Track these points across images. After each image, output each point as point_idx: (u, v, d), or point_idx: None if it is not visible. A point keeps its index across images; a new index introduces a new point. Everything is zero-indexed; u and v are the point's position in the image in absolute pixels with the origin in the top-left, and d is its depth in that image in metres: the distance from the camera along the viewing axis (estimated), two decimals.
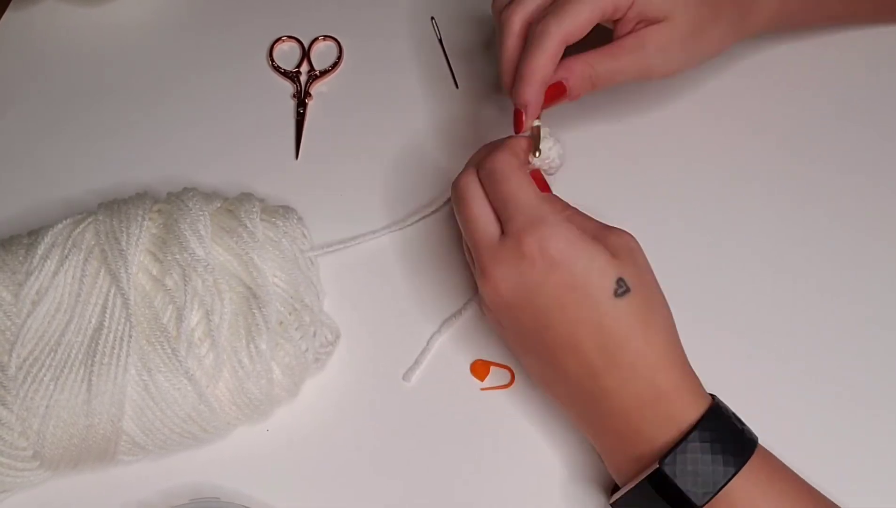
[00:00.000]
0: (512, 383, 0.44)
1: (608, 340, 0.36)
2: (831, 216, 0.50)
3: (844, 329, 0.46)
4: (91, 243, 0.41)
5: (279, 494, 0.42)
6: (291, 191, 0.51)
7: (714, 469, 0.34)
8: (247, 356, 0.40)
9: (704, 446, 0.35)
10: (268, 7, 0.60)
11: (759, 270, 0.48)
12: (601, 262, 0.36)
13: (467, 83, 0.56)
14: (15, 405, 0.38)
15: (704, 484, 0.34)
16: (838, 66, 0.55)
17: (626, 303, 0.36)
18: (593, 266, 0.36)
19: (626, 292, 0.36)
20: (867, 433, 0.43)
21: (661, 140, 0.53)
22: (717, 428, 0.35)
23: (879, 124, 0.53)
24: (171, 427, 0.40)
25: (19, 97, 0.56)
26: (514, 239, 0.37)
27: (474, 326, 0.47)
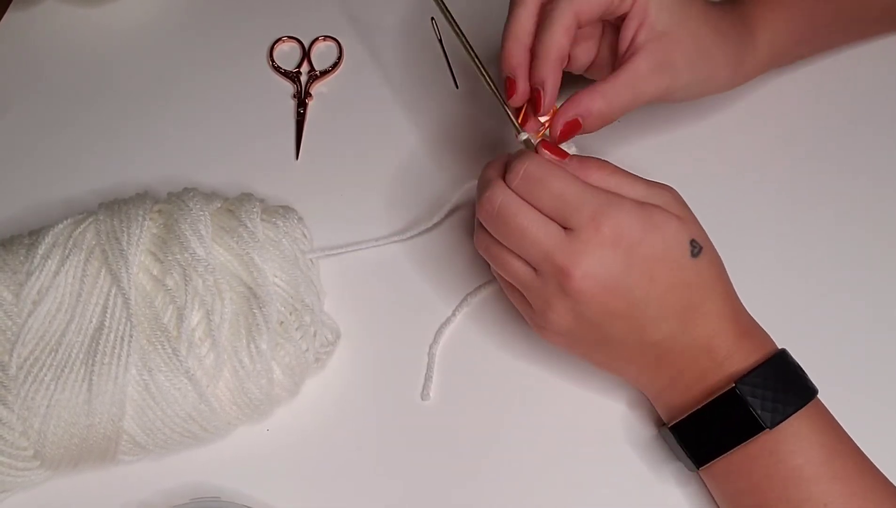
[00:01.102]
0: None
1: (695, 296, 0.38)
2: (829, 214, 0.50)
3: (841, 330, 0.46)
4: (92, 243, 0.41)
5: (279, 494, 0.42)
6: (291, 191, 0.51)
7: (784, 398, 0.37)
8: (247, 355, 0.40)
9: (779, 377, 0.38)
10: (268, 7, 0.60)
11: (772, 273, 0.48)
12: (673, 228, 0.38)
13: (467, 83, 0.56)
14: (16, 404, 0.38)
15: (773, 410, 0.37)
16: (857, 75, 0.55)
17: (703, 261, 0.38)
18: (667, 234, 0.37)
19: (700, 250, 0.38)
20: (869, 433, 0.43)
21: (675, 157, 0.53)
22: (788, 367, 0.38)
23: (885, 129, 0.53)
24: (172, 427, 0.40)
25: (20, 97, 0.56)
26: (589, 229, 0.37)
27: (475, 327, 0.47)
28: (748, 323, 0.40)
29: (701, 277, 0.38)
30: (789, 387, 0.38)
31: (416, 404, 0.45)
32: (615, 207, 0.37)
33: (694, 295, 0.38)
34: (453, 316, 0.47)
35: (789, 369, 0.38)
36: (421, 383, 0.45)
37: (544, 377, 0.45)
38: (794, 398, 0.37)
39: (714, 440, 0.39)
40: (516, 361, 0.46)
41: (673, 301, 0.38)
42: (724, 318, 0.39)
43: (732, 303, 0.40)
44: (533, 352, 0.45)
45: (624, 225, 0.37)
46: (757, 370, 0.38)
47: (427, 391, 0.45)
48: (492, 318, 0.47)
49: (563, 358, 0.45)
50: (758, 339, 0.40)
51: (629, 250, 0.37)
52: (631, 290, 0.37)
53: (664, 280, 0.37)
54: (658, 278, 0.37)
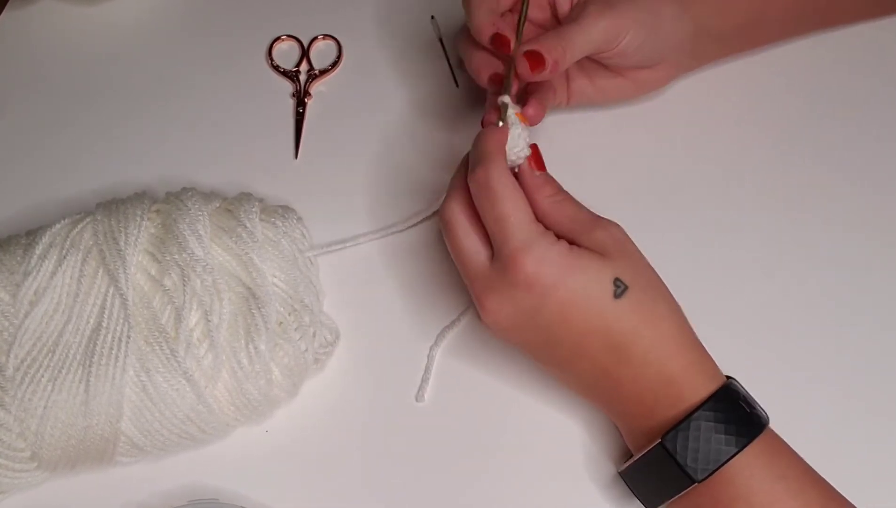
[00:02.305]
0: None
1: (617, 340, 0.37)
2: (825, 214, 0.50)
3: (839, 328, 0.46)
4: (89, 243, 0.41)
5: (279, 495, 0.42)
6: (291, 191, 0.51)
7: (716, 448, 0.36)
8: (246, 356, 0.40)
9: (709, 425, 0.36)
10: (267, 6, 0.60)
11: (750, 269, 0.48)
12: (594, 270, 0.37)
13: (467, 83, 0.56)
14: (13, 406, 0.38)
15: (705, 461, 0.36)
16: (831, 63, 0.55)
17: (627, 301, 0.37)
18: (588, 277, 0.37)
19: (625, 289, 0.37)
20: (866, 434, 0.43)
21: (650, 135, 0.53)
22: (724, 408, 0.36)
23: (870, 121, 0.53)
24: (170, 428, 0.40)
25: (17, 97, 0.56)
26: (505, 266, 0.37)
27: (474, 328, 0.47)
28: (685, 362, 0.38)
29: (623, 321, 0.37)
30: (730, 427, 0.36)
31: (416, 405, 0.45)
32: (538, 249, 0.36)
33: (616, 340, 0.37)
34: (458, 320, 0.46)
35: (732, 406, 0.37)
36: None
37: (542, 389, 0.45)
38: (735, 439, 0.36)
39: (656, 488, 0.38)
40: (515, 371, 0.45)
41: (592, 343, 0.37)
42: (648, 364, 0.37)
43: (664, 343, 0.38)
44: (533, 365, 0.45)
45: (541, 269, 0.36)
46: (684, 421, 0.36)
47: (422, 392, 0.45)
48: None
49: None
50: (696, 377, 0.38)
51: (543, 294, 0.36)
52: (546, 329, 0.37)
53: (580, 323, 0.37)
54: (574, 320, 0.37)
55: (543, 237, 0.37)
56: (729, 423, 0.36)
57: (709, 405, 0.36)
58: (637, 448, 0.40)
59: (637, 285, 0.37)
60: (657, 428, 0.37)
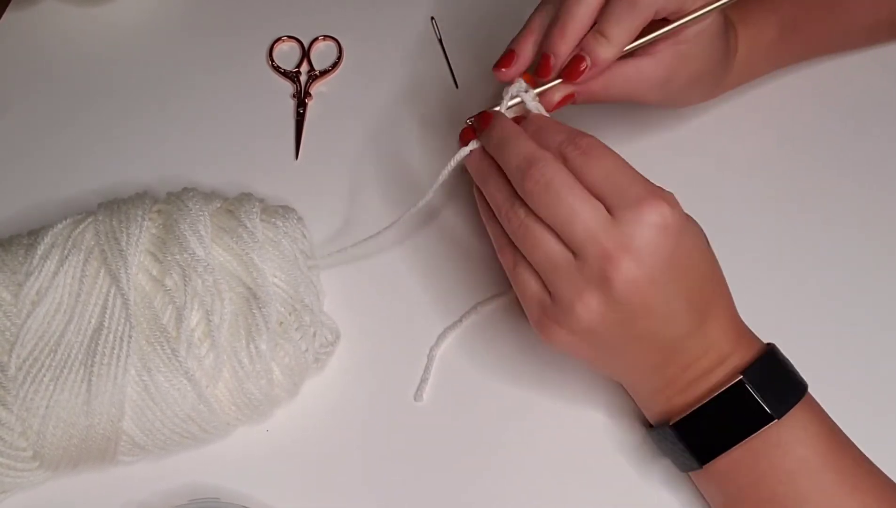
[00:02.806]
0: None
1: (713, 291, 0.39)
2: (825, 214, 0.50)
3: (839, 328, 0.46)
4: (91, 244, 0.41)
5: (279, 494, 0.42)
6: (291, 191, 0.51)
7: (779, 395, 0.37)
8: (247, 356, 0.40)
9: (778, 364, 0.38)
10: (268, 7, 0.60)
11: (750, 268, 0.48)
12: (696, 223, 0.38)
13: (467, 83, 0.56)
14: (15, 405, 0.38)
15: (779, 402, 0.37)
16: (834, 61, 0.55)
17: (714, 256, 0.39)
18: (696, 228, 0.38)
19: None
20: (862, 434, 0.43)
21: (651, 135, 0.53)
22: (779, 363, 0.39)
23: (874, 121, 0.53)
24: (171, 428, 0.40)
25: (19, 97, 0.56)
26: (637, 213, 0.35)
27: (475, 329, 0.47)
28: (741, 321, 0.41)
29: (716, 272, 0.39)
30: (786, 381, 0.38)
31: (417, 405, 0.45)
32: (658, 192, 0.36)
33: (712, 290, 0.39)
34: (460, 322, 0.46)
35: (784, 363, 0.39)
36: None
37: (541, 389, 0.45)
38: (793, 391, 0.38)
39: (720, 435, 0.38)
40: (515, 372, 0.45)
41: (697, 295, 0.37)
42: (730, 316, 0.39)
43: (731, 301, 0.40)
44: (533, 369, 0.45)
45: (668, 211, 0.35)
46: (757, 363, 0.38)
47: (421, 392, 0.45)
48: (500, 327, 0.47)
49: (564, 376, 0.45)
50: (752, 337, 0.40)
51: (677, 238, 0.35)
52: (669, 283, 0.36)
53: (698, 272, 0.37)
54: (694, 269, 0.37)
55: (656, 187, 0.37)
56: (788, 375, 0.38)
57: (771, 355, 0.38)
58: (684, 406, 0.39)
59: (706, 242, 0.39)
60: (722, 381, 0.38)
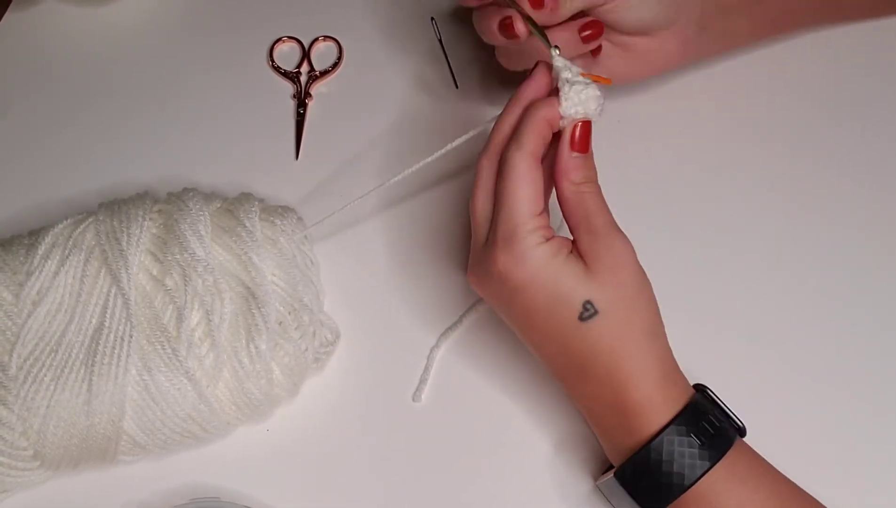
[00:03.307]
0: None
1: (574, 359, 0.37)
2: (827, 214, 0.50)
3: (839, 328, 0.46)
4: (92, 244, 0.41)
5: (279, 494, 0.42)
6: (291, 191, 0.51)
7: (679, 472, 0.35)
8: (247, 356, 0.40)
9: (670, 448, 0.35)
10: (268, 7, 0.60)
11: (751, 267, 0.48)
12: (568, 286, 0.36)
13: (467, 83, 0.56)
14: (16, 405, 0.38)
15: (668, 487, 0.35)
16: (834, 62, 0.55)
17: (592, 326, 0.36)
18: (559, 291, 0.36)
19: (593, 314, 0.35)
20: (861, 434, 0.43)
21: (653, 135, 0.53)
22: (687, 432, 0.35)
23: (874, 121, 0.53)
24: (172, 427, 0.40)
25: (20, 97, 0.56)
26: (487, 252, 0.37)
27: (475, 330, 0.47)
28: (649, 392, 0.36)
29: (583, 344, 0.36)
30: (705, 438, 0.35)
31: (416, 405, 0.45)
32: (520, 247, 0.36)
33: (574, 359, 0.37)
34: (460, 322, 0.47)
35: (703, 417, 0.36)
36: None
37: (540, 390, 0.45)
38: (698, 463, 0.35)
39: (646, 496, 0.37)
40: (514, 373, 0.45)
41: (552, 352, 0.38)
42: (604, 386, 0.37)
43: (625, 375, 0.36)
44: (532, 369, 0.45)
45: (516, 269, 0.36)
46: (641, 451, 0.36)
47: (420, 392, 0.45)
48: (500, 328, 0.46)
49: None
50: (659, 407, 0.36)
51: (512, 292, 0.37)
52: (515, 320, 0.39)
53: (539, 330, 0.37)
54: (534, 326, 0.37)
55: (531, 235, 0.36)
56: (692, 446, 0.35)
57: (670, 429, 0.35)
58: (611, 458, 0.39)
59: (610, 313, 0.36)
60: (624, 449, 0.37)
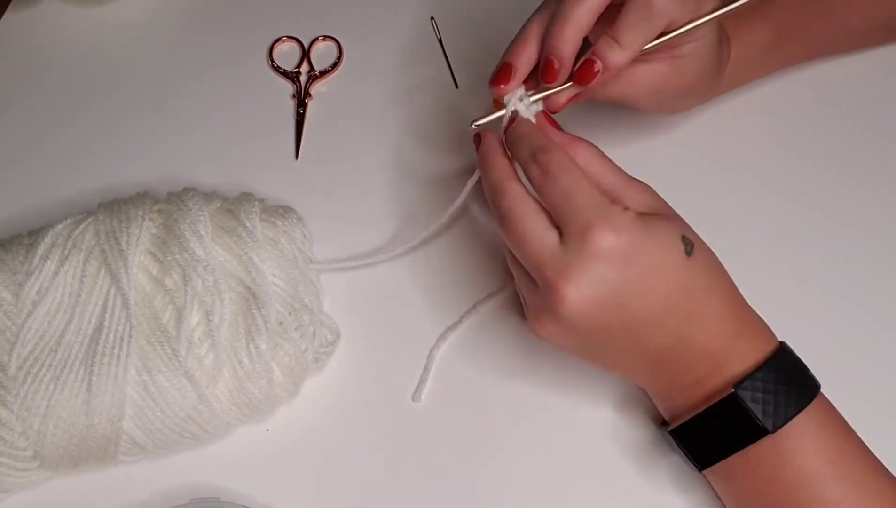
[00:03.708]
0: None
1: (693, 299, 0.37)
2: (833, 219, 0.50)
3: (845, 331, 0.46)
4: (91, 244, 0.41)
5: (279, 494, 0.42)
6: (291, 191, 0.51)
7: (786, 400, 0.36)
8: (247, 356, 0.40)
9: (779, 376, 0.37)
10: (268, 7, 0.60)
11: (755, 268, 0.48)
12: (664, 232, 0.36)
13: (467, 83, 0.56)
14: (15, 405, 0.38)
15: (775, 414, 0.36)
16: (845, 81, 0.55)
17: (697, 258, 0.37)
18: (660, 240, 0.36)
19: (692, 247, 0.37)
20: (872, 430, 0.43)
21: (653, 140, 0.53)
22: (787, 367, 0.38)
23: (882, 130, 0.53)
24: (172, 427, 0.40)
25: (19, 97, 0.56)
26: (582, 241, 0.35)
27: (475, 331, 0.47)
28: (748, 320, 0.39)
29: (697, 278, 0.37)
30: (791, 387, 0.37)
31: (416, 405, 0.45)
32: (607, 217, 0.35)
33: (691, 298, 0.37)
34: (460, 322, 0.46)
35: (791, 367, 0.38)
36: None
37: (541, 390, 0.45)
38: (796, 399, 0.37)
39: (715, 444, 0.38)
40: (516, 373, 0.45)
41: (670, 308, 0.37)
42: (723, 319, 0.38)
43: (731, 301, 0.38)
44: (534, 367, 0.45)
45: (620, 238, 0.35)
46: (756, 373, 0.37)
47: (420, 393, 0.45)
48: (499, 328, 0.47)
49: (564, 376, 0.45)
50: (758, 337, 0.38)
51: (624, 264, 0.35)
52: (626, 304, 0.36)
53: (660, 289, 0.36)
54: (654, 287, 0.36)
55: (614, 205, 0.36)
56: (795, 379, 0.37)
57: (776, 359, 0.37)
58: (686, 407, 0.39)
59: (699, 242, 0.37)
60: (719, 384, 0.38)
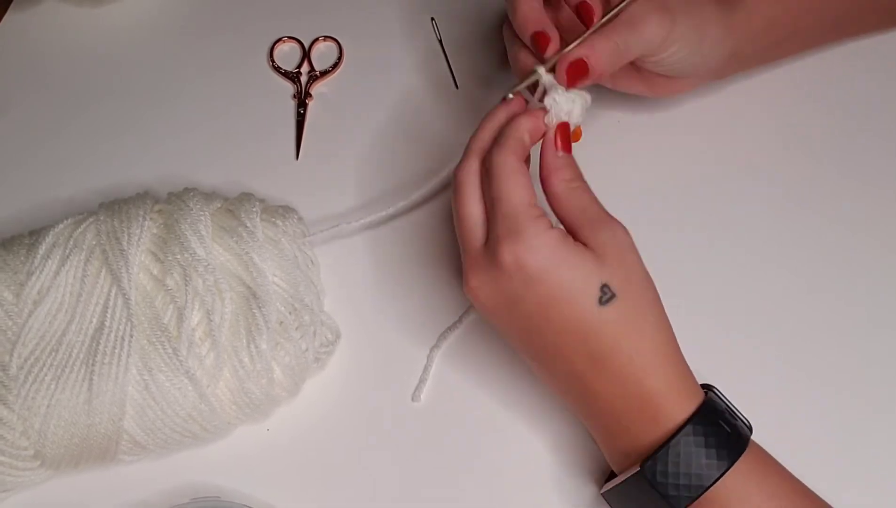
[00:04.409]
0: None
1: (595, 347, 0.36)
2: (831, 216, 0.50)
3: (843, 328, 0.46)
4: (92, 243, 0.42)
5: (279, 494, 0.42)
6: (292, 191, 0.51)
7: (698, 473, 0.34)
8: (247, 355, 0.40)
9: (689, 449, 0.35)
10: (268, 8, 0.60)
11: (756, 267, 0.48)
12: (584, 271, 0.35)
13: (467, 83, 0.56)
14: (16, 404, 0.38)
15: (687, 487, 0.34)
16: (847, 71, 0.55)
17: (612, 309, 0.35)
18: (575, 276, 0.35)
19: (612, 298, 0.35)
20: (862, 432, 0.43)
21: (663, 136, 0.53)
22: (703, 431, 0.35)
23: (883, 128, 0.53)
24: (172, 427, 0.40)
25: (20, 97, 0.56)
26: (492, 249, 0.36)
27: (475, 331, 0.47)
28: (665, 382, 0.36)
29: (604, 328, 0.35)
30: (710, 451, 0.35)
31: (416, 405, 0.45)
32: (528, 236, 0.35)
33: (595, 347, 0.36)
34: (460, 322, 0.46)
35: (709, 427, 0.35)
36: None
37: (542, 390, 0.45)
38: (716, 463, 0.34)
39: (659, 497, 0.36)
40: (516, 373, 0.45)
41: (569, 345, 0.36)
42: (626, 378, 0.36)
43: (642, 360, 0.36)
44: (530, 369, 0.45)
45: (527, 258, 0.35)
46: (664, 446, 0.35)
47: (419, 392, 0.45)
48: None
49: None
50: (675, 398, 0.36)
51: (526, 284, 0.35)
52: (525, 320, 0.36)
53: (557, 323, 0.36)
54: (552, 317, 0.36)
55: (536, 223, 0.36)
56: (710, 446, 0.35)
57: (687, 429, 0.35)
58: (616, 465, 0.39)
59: (626, 296, 0.36)
60: (635, 450, 0.37)
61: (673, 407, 0.36)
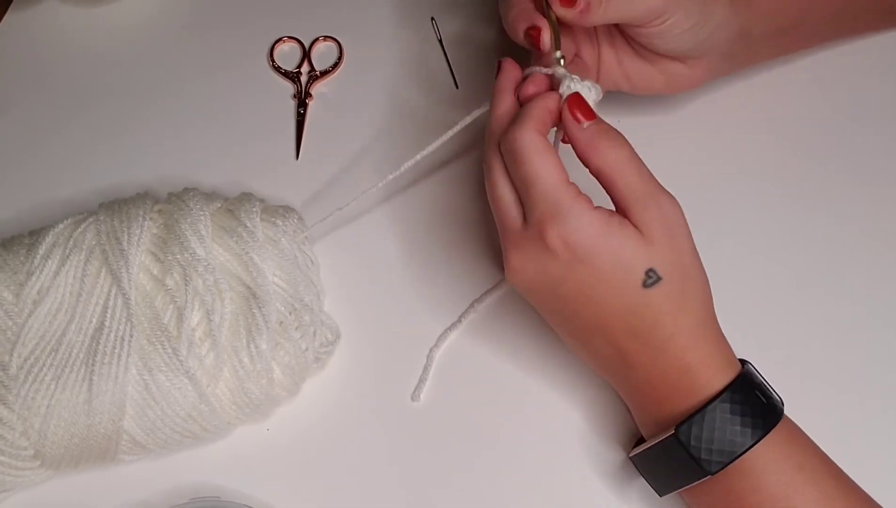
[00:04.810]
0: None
1: (636, 324, 0.36)
2: (831, 217, 0.50)
3: (843, 328, 0.46)
4: (92, 243, 0.42)
5: (279, 494, 0.42)
6: (292, 191, 0.51)
7: (731, 439, 0.35)
8: (247, 355, 0.40)
9: (724, 416, 0.35)
10: (268, 8, 0.60)
11: (756, 267, 0.48)
12: (628, 254, 0.35)
13: (467, 83, 0.56)
14: (16, 404, 0.38)
15: (719, 454, 0.35)
16: (849, 70, 0.55)
17: (656, 292, 0.35)
18: (620, 260, 0.35)
19: (657, 281, 0.35)
20: (862, 432, 0.43)
21: (665, 139, 0.53)
22: (740, 399, 0.35)
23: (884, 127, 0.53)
24: (172, 427, 0.40)
25: (20, 97, 0.56)
26: (536, 230, 0.35)
27: (474, 331, 0.47)
28: (704, 355, 0.37)
29: (648, 310, 0.36)
30: (746, 419, 0.35)
31: (416, 405, 0.45)
32: (572, 217, 0.35)
33: (637, 326, 0.36)
34: (459, 322, 0.47)
35: (744, 398, 0.36)
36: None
37: (542, 390, 0.45)
38: (750, 431, 0.35)
39: (667, 476, 0.38)
40: (515, 373, 0.45)
41: (612, 324, 0.36)
42: (667, 351, 0.36)
43: (683, 335, 0.36)
44: (534, 366, 0.45)
45: (573, 239, 0.35)
46: (699, 412, 0.35)
47: (419, 392, 0.45)
48: (497, 327, 0.47)
49: (564, 375, 0.45)
50: (712, 370, 0.36)
51: (571, 264, 0.35)
52: (568, 300, 0.36)
53: (602, 304, 0.36)
54: (595, 299, 0.36)
55: (576, 203, 0.35)
56: (745, 415, 0.35)
57: (724, 397, 0.35)
58: (648, 432, 0.39)
59: (672, 279, 0.35)
60: (670, 417, 0.37)
61: (710, 378, 0.36)
